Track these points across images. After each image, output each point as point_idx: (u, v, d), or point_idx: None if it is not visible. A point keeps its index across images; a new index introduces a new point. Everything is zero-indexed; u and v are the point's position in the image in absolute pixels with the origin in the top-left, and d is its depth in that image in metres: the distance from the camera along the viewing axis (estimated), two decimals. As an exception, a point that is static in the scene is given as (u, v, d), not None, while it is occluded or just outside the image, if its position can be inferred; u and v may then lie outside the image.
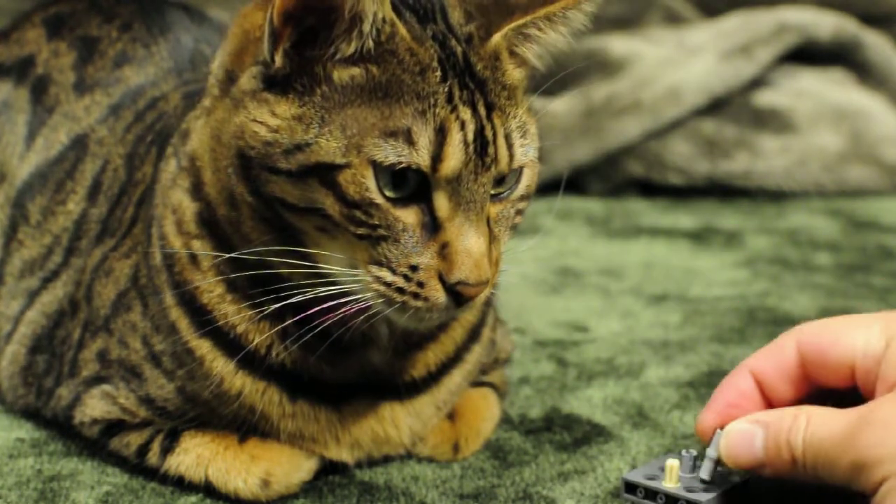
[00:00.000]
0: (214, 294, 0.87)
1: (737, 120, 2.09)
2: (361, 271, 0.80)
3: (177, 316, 0.88)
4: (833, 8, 2.27)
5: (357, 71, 0.79)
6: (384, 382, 0.91)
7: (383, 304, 0.80)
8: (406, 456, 0.96)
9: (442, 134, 0.77)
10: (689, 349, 1.23)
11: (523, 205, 0.86)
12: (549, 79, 0.88)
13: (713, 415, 0.82)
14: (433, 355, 0.93)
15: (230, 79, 0.84)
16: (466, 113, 0.79)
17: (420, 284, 0.79)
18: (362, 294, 0.80)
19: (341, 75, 0.79)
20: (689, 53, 2.12)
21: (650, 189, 2.08)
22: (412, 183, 0.78)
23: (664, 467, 0.83)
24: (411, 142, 0.77)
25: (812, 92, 2.15)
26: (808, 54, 2.19)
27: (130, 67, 1.11)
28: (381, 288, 0.79)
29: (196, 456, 0.90)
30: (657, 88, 2.06)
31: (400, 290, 0.79)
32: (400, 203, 0.79)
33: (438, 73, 0.79)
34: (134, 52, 1.12)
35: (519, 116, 0.82)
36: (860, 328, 0.77)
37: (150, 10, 1.17)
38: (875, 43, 2.23)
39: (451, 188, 0.79)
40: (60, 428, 0.98)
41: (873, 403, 0.72)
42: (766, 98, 2.13)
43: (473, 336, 0.97)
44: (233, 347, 0.87)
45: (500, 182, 0.83)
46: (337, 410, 0.90)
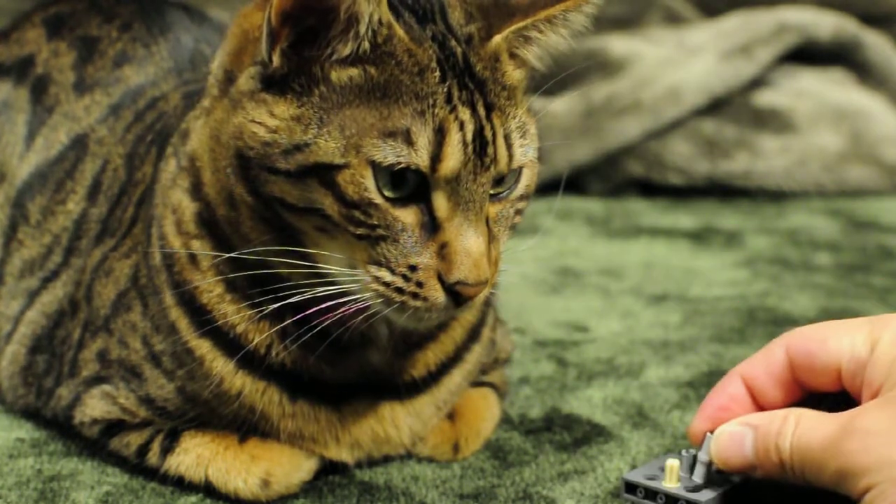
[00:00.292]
0: (214, 294, 0.87)
1: (737, 120, 2.09)
2: (360, 271, 0.80)
3: (176, 316, 0.88)
4: (833, 8, 2.27)
5: (355, 72, 0.79)
6: (384, 382, 0.91)
7: (382, 304, 0.80)
8: (406, 456, 0.96)
9: (441, 134, 0.77)
10: (689, 349, 1.23)
11: (522, 205, 0.86)
12: (549, 79, 0.88)
13: (704, 420, 0.82)
14: (433, 355, 0.93)
15: (229, 79, 0.84)
16: (465, 113, 0.79)
17: (419, 284, 0.79)
18: (361, 294, 0.80)
19: (339, 76, 0.79)
20: (689, 53, 2.12)
21: (650, 189, 2.08)
22: (411, 183, 0.78)
23: (664, 467, 0.83)
24: (410, 142, 0.77)
25: (812, 92, 2.15)
26: (808, 54, 2.19)
27: (130, 67, 1.11)
28: (380, 288, 0.79)
29: (196, 456, 0.90)
30: (657, 88, 2.06)
31: (399, 290, 0.79)
32: (399, 203, 0.79)
33: (437, 74, 0.79)
34: (134, 52, 1.12)
35: (518, 117, 0.82)
36: (847, 332, 0.77)
37: (150, 10, 1.17)
38: (875, 43, 2.23)
39: (451, 188, 0.79)
40: (60, 428, 0.98)
41: (858, 410, 0.72)
42: (766, 98, 2.13)
43: (473, 336, 0.97)
44: (232, 347, 0.87)
45: (500, 182, 0.83)
46: (337, 410, 0.90)
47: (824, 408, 0.76)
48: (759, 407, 0.81)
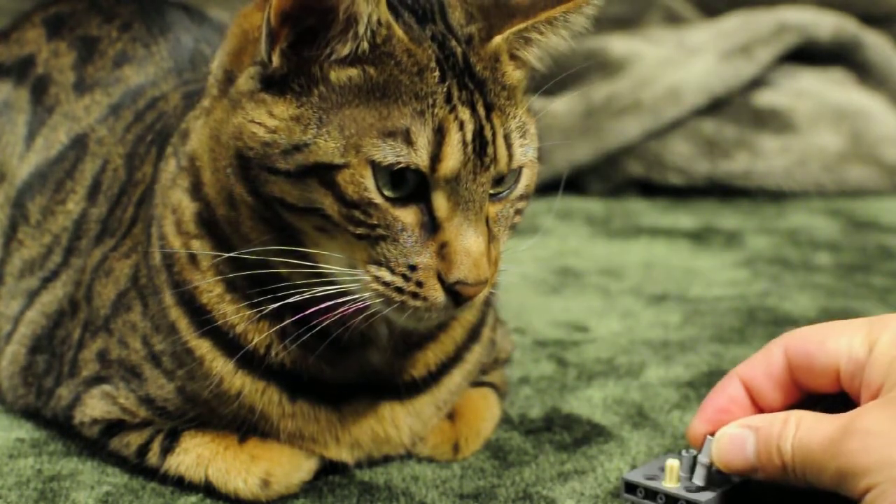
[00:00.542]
0: (214, 294, 0.87)
1: (737, 120, 2.09)
2: (360, 271, 0.80)
3: (176, 316, 0.88)
4: (833, 8, 2.27)
5: (354, 72, 0.79)
6: (384, 382, 0.91)
7: (382, 304, 0.80)
8: (406, 456, 0.96)
9: (441, 134, 0.77)
10: (689, 349, 1.23)
11: (522, 204, 0.86)
12: (549, 79, 0.88)
13: (704, 422, 0.82)
14: (433, 355, 0.93)
15: (229, 79, 0.84)
16: (465, 113, 0.79)
17: (419, 284, 0.79)
18: (361, 294, 0.80)
19: (338, 76, 0.79)
20: (689, 53, 2.12)
21: (650, 189, 2.08)
22: (411, 183, 0.78)
23: (664, 467, 0.83)
24: (410, 142, 0.77)
25: (812, 92, 2.15)
26: (808, 54, 2.19)
27: (130, 67, 1.11)
28: (380, 287, 0.79)
29: (196, 456, 0.90)
30: (657, 88, 2.06)
31: (399, 290, 0.79)
32: (399, 203, 0.79)
33: (437, 74, 0.79)
34: (134, 52, 1.12)
35: (518, 117, 0.82)
36: (845, 333, 0.77)
37: (150, 10, 1.17)
38: (875, 43, 2.23)
39: (450, 188, 0.79)
40: (60, 428, 0.98)
41: (858, 411, 0.72)
42: (766, 98, 2.13)
43: (473, 336, 0.97)
44: (232, 347, 0.87)
45: (500, 182, 0.83)
46: (337, 410, 0.90)
47: (823, 409, 0.76)
48: (759, 408, 0.81)
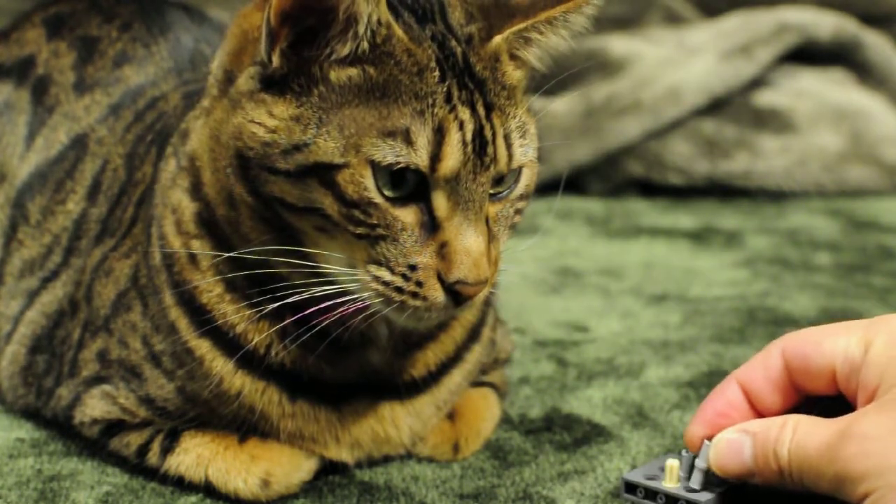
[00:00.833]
0: (214, 294, 0.87)
1: (737, 120, 2.09)
2: (360, 271, 0.80)
3: (176, 316, 0.88)
4: (833, 8, 2.27)
5: (354, 71, 0.79)
6: (384, 382, 0.91)
7: (382, 304, 0.80)
8: (406, 456, 0.96)
9: (440, 134, 0.77)
10: (689, 349, 1.23)
11: (522, 204, 0.86)
12: (549, 79, 0.88)
13: (701, 425, 0.81)
14: (433, 355, 0.93)
15: (229, 79, 0.84)
16: (465, 113, 0.79)
17: (419, 284, 0.79)
18: (361, 293, 0.80)
19: (338, 76, 0.79)
20: (689, 53, 2.12)
21: (650, 189, 2.08)
22: (411, 183, 0.78)
23: (664, 467, 0.83)
24: (410, 142, 0.77)
25: (812, 92, 2.15)
26: (808, 54, 2.19)
27: (130, 67, 1.11)
28: (380, 287, 0.79)
29: (196, 456, 0.90)
30: (657, 88, 2.06)
31: (398, 290, 0.79)
32: (398, 202, 0.79)
33: (437, 74, 0.79)
34: (134, 52, 1.12)
35: (518, 116, 0.82)
36: (842, 334, 0.77)
37: (150, 10, 1.17)
38: (875, 43, 2.23)
39: (450, 188, 0.79)
40: (60, 428, 0.98)
41: (855, 415, 0.71)
42: (766, 98, 2.13)
43: (473, 335, 0.97)
44: (232, 347, 0.87)
45: (499, 182, 0.83)
46: (337, 410, 0.90)
47: (820, 410, 0.76)
48: (757, 412, 0.81)
